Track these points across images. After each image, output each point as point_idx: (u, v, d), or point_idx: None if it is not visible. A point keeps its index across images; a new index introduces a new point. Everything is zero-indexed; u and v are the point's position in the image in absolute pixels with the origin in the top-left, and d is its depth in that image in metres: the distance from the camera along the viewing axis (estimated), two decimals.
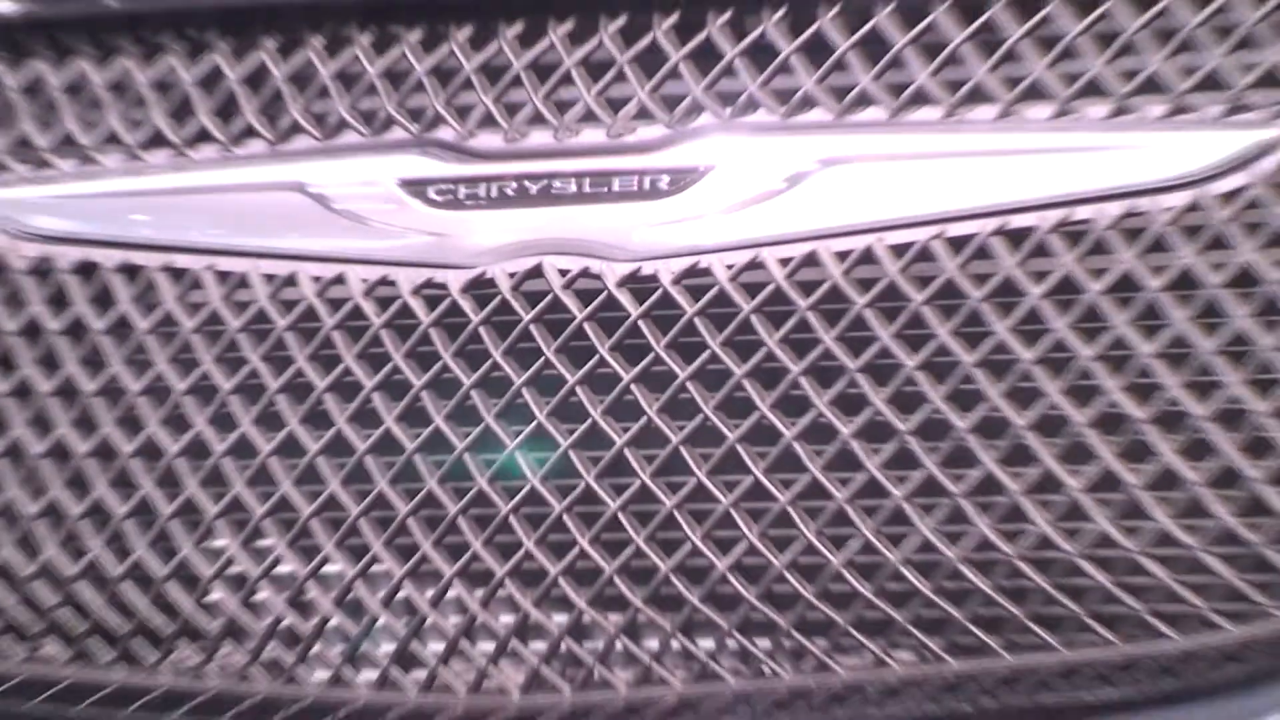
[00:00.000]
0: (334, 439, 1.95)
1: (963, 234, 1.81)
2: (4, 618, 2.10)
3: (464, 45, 1.98)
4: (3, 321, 2.09)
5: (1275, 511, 1.78)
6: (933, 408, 1.82)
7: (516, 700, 1.97)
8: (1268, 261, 1.78)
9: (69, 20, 2.15)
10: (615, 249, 1.92)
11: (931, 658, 1.87)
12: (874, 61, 1.85)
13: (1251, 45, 1.79)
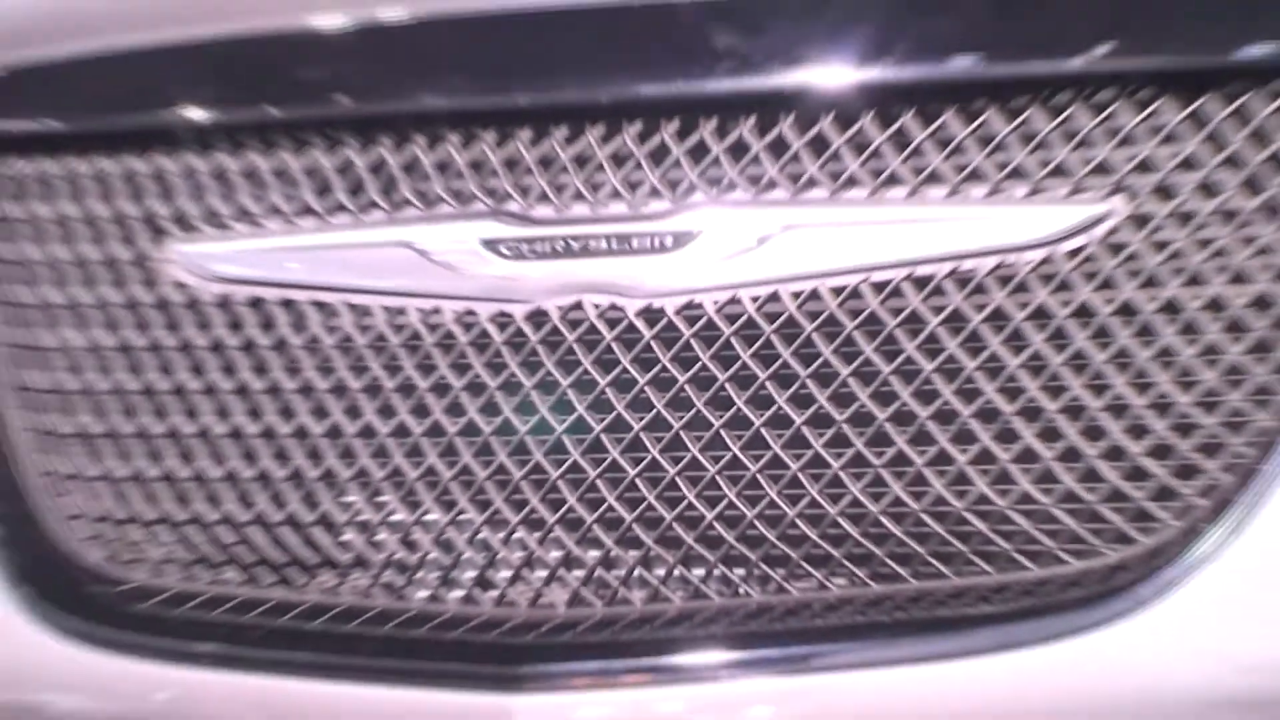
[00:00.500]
0: (431, 425, 2.08)
1: (883, 279, 1.97)
2: (196, 552, 2.20)
3: (526, 143, 2.08)
4: (196, 338, 2.20)
5: (1105, 479, 1.96)
6: (860, 403, 1.98)
7: (562, 612, 2.07)
8: (1101, 299, 1.94)
9: (245, 125, 2.22)
10: (634, 289, 2.03)
11: (859, 583, 2.01)
12: (818, 155, 1.99)
13: (1088, 145, 1.94)
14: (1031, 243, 1.96)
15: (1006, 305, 1.96)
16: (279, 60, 2.28)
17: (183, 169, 2.21)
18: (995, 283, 1.97)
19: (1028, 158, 1.97)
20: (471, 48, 2.24)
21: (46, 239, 2.26)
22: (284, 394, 2.16)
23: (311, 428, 2.14)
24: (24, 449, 2.29)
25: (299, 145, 2.18)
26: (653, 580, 2.08)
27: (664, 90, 2.10)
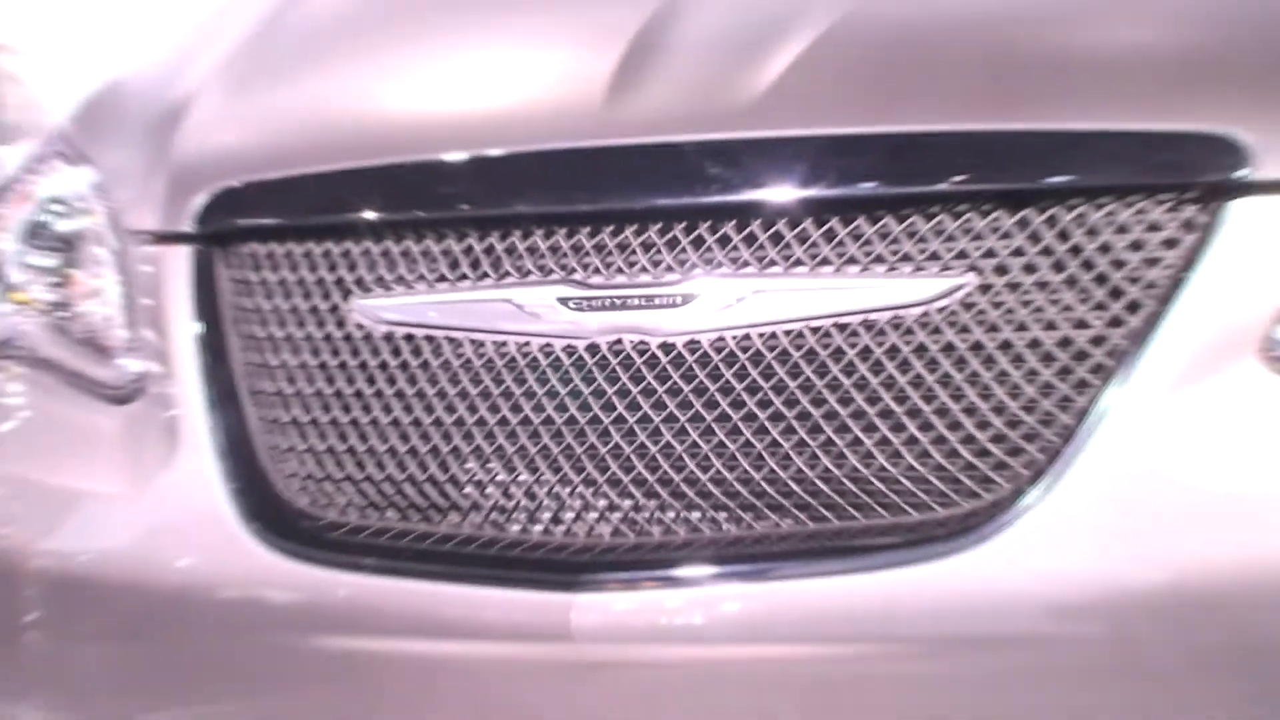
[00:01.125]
0: (523, 417, 2.30)
1: (818, 326, 2.19)
2: (368, 500, 2.41)
3: (585, 235, 2.31)
4: (369, 360, 2.42)
5: (962, 455, 2.14)
6: (801, 405, 2.19)
7: (606, 540, 2.26)
8: (959, 339, 2.15)
9: (402, 222, 2.48)
10: (655, 331, 2.24)
11: (800, 522, 2.20)
12: (776, 245, 2.22)
13: (951, 239, 2.17)
14: (914, 302, 2.17)
15: (899, 343, 2.18)
16: (423, 180, 2.50)
17: (361, 250, 2.45)
18: (890, 328, 2.18)
19: (912, 247, 2.19)
20: (547, 173, 2.45)
21: (272, 295, 2.49)
22: (426, 396, 2.37)
23: (444, 418, 2.34)
24: (257, 432, 2.47)
25: (439, 235, 2.40)
26: (666, 520, 2.27)
27: (676, 202, 2.30)
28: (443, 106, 2.70)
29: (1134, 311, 2.11)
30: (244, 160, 2.61)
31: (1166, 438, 2.10)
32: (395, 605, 2.31)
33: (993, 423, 2.13)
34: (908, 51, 2.46)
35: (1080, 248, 2.15)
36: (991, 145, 2.25)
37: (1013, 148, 2.24)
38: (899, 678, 2.17)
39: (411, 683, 2.34)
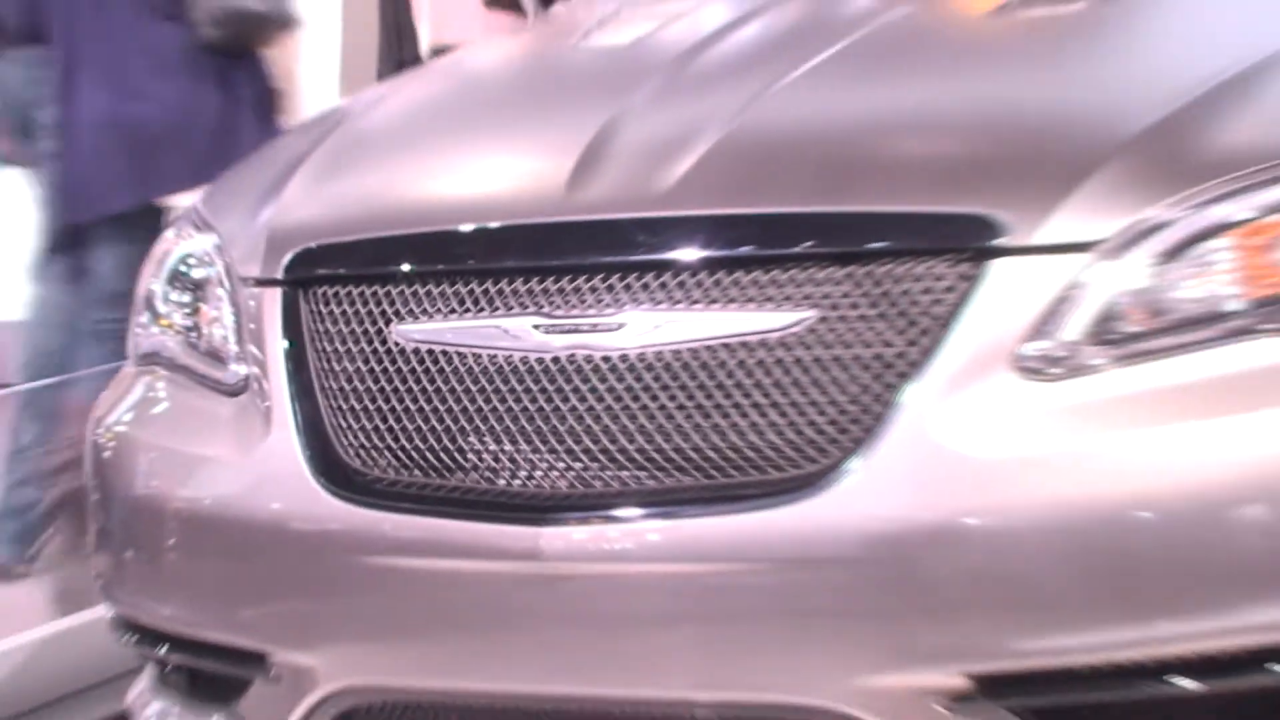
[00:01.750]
0: (506, 408, 2.39)
1: (710, 344, 2.28)
2: (401, 463, 2.48)
3: (551, 283, 2.40)
4: (402, 365, 2.50)
5: (807, 433, 2.27)
6: (690, 394, 2.30)
7: (564, 491, 2.36)
8: (807, 355, 2.25)
9: (429, 272, 2.56)
10: (598, 348, 2.34)
11: (698, 479, 2.27)
12: (683, 288, 2.33)
13: (798, 284, 2.31)
14: (774, 328, 2.28)
15: (764, 355, 2.28)
16: (440, 243, 2.61)
17: (398, 292, 2.54)
18: (759, 345, 2.28)
19: (774, 290, 2.30)
20: (525, 239, 2.54)
21: (336, 322, 2.58)
22: (441, 392, 2.46)
23: (453, 407, 2.45)
24: (325, 416, 2.55)
25: (451, 281, 2.50)
26: (605, 478, 2.36)
27: (612, 260, 2.45)
28: (456, 192, 2.82)
29: (925, 335, 2.22)
30: (317, 229, 2.74)
31: (945, 422, 2.20)
32: (419, 535, 2.43)
33: (827, 410, 2.25)
34: (771, 156, 2.57)
35: (889, 291, 2.25)
36: (828, 221, 2.37)
37: (842, 223, 2.35)
38: (762, 583, 2.27)
39: (429, 588, 2.43)
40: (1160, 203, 2.27)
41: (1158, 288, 2.25)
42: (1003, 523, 2.17)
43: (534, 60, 3.56)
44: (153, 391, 2.88)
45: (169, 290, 2.91)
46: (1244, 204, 2.26)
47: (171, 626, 2.74)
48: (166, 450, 2.75)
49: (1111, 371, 2.21)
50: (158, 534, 2.73)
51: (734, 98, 2.67)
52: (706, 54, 2.96)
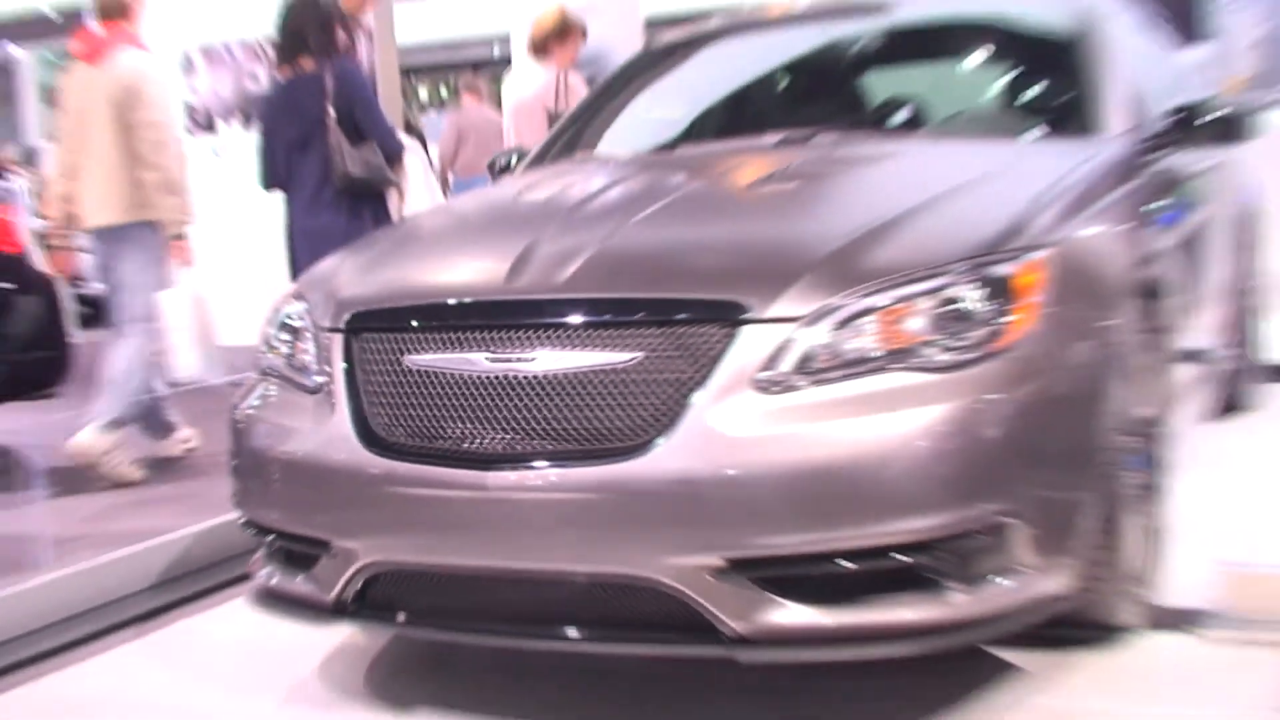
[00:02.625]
0: (469, 405, 2.52)
1: (584, 370, 2.44)
2: (408, 432, 2.58)
3: (497, 333, 2.55)
4: (407, 380, 2.62)
5: (637, 422, 2.41)
6: (579, 401, 2.45)
7: (500, 450, 2.49)
8: (637, 378, 2.42)
9: (427, 327, 2.65)
10: (523, 371, 2.49)
11: (580, 445, 2.43)
12: (570, 338, 2.49)
13: (638, 339, 2.47)
14: (619, 362, 2.44)
15: (614, 377, 2.43)
16: (434, 310, 2.71)
17: (409, 337, 2.66)
18: (608, 371, 2.42)
19: (620, 340, 2.45)
20: (482, 308, 2.66)
21: (374, 354, 2.70)
22: (433, 394, 2.58)
23: (439, 402, 2.57)
24: (366, 407, 2.66)
25: (440, 331, 2.63)
26: (524, 444, 2.48)
27: (532, 320, 2.55)
28: (442, 281, 2.94)
29: (705, 367, 2.42)
30: (363, 300, 2.85)
31: (715, 417, 2.40)
32: (417, 474, 2.58)
33: (649, 409, 2.44)
34: (623, 264, 2.71)
35: (685, 342, 2.45)
36: (653, 302, 2.54)
37: (660, 303, 2.53)
38: (612, 504, 2.42)
39: (421, 505, 2.58)
40: (837, 295, 2.50)
41: (834, 342, 2.47)
42: (745, 472, 2.38)
43: (490, 206, 3.60)
44: (267, 390, 3.00)
45: (279, 332, 3.04)
46: (883, 296, 2.53)
47: (275, 524, 2.89)
48: (275, 424, 2.89)
49: (808, 389, 2.44)
50: (269, 471, 2.88)
51: (602, 230, 2.85)
52: (588, 205, 3.11)
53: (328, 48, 4.97)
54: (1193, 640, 2.86)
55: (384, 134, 5.02)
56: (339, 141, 4.91)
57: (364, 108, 4.95)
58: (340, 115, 4.92)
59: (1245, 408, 5.00)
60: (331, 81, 4.93)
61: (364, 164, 4.94)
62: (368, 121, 4.95)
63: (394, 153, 5.02)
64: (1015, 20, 4.17)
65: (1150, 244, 3.11)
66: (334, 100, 4.92)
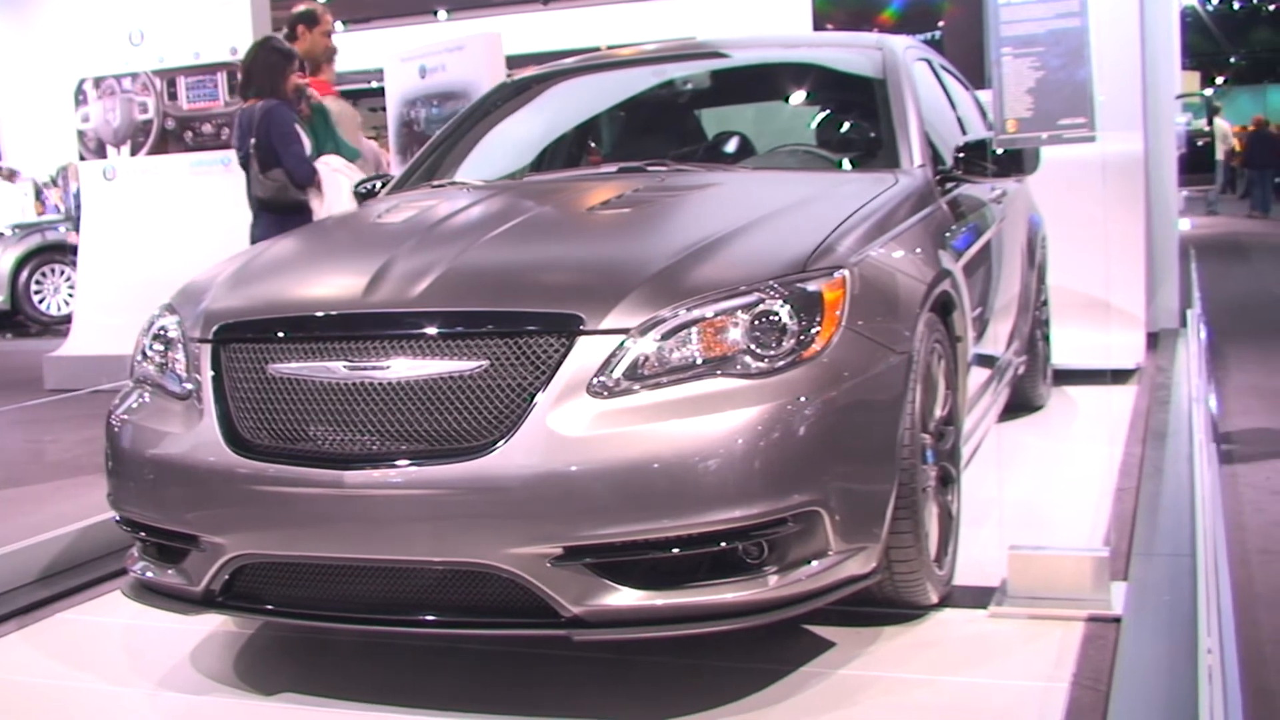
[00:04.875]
0: (328, 409, 2.50)
1: (433, 376, 2.43)
2: (271, 435, 2.56)
3: (353, 343, 2.52)
4: (275, 387, 2.58)
5: (484, 421, 2.41)
6: (431, 403, 2.44)
7: (358, 451, 2.46)
8: (482, 384, 2.42)
9: (297, 345, 2.61)
10: (378, 379, 2.48)
11: (432, 445, 2.41)
12: (422, 347, 2.47)
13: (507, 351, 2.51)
14: (467, 369, 2.43)
15: (461, 384, 2.42)
16: (297, 321, 2.67)
17: (274, 346, 2.62)
18: (456, 378, 2.41)
19: (467, 349, 2.44)
20: (341, 320, 2.62)
21: (240, 362, 2.67)
22: (294, 399, 2.56)
23: (301, 407, 2.55)
24: (232, 412, 2.63)
25: (301, 341, 2.60)
26: (379, 445, 2.45)
27: (385, 331, 2.54)
28: (304, 295, 2.88)
29: (544, 373, 2.43)
30: (230, 312, 2.81)
31: (554, 418, 2.41)
32: (279, 474, 2.55)
33: (493, 412, 2.43)
34: (472, 279, 2.70)
35: (527, 351, 2.46)
36: (499, 315, 2.53)
37: (505, 315, 2.53)
38: (460, 499, 2.41)
39: (284, 502, 2.54)
40: (664, 308, 2.54)
41: (661, 350, 2.51)
42: (580, 469, 2.39)
43: (353, 226, 3.59)
44: (141, 398, 2.94)
45: (153, 343, 2.98)
46: (705, 309, 2.57)
47: (148, 521, 2.83)
48: (147, 428, 2.83)
49: (638, 393, 2.46)
50: (143, 472, 2.82)
51: (454, 249, 2.85)
52: (440, 227, 3.12)
53: (265, 88, 5.37)
54: (984, 616, 2.92)
55: (293, 163, 5.31)
56: (254, 167, 5.38)
57: (281, 142, 5.28)
58: (260, 144, 5.34)
59: (1034, 407, 5.24)
60: (260, 116, 5.32)
61: (268, 186, 5.35)
62: (280, 152, 5.29)
63: (300, 180, 5.31)
64: (828, 65, 4.32)
65: (944, 263, 3.21)
66: (256, 132, 5.34)
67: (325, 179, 5.30)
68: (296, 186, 5.34)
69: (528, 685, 2.77)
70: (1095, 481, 4.09)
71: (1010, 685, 2.61)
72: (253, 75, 5.48)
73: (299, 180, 5.34)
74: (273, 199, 5.39)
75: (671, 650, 2.78)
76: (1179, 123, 8.76)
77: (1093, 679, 2.57)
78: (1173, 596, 2.89)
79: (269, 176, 5.37)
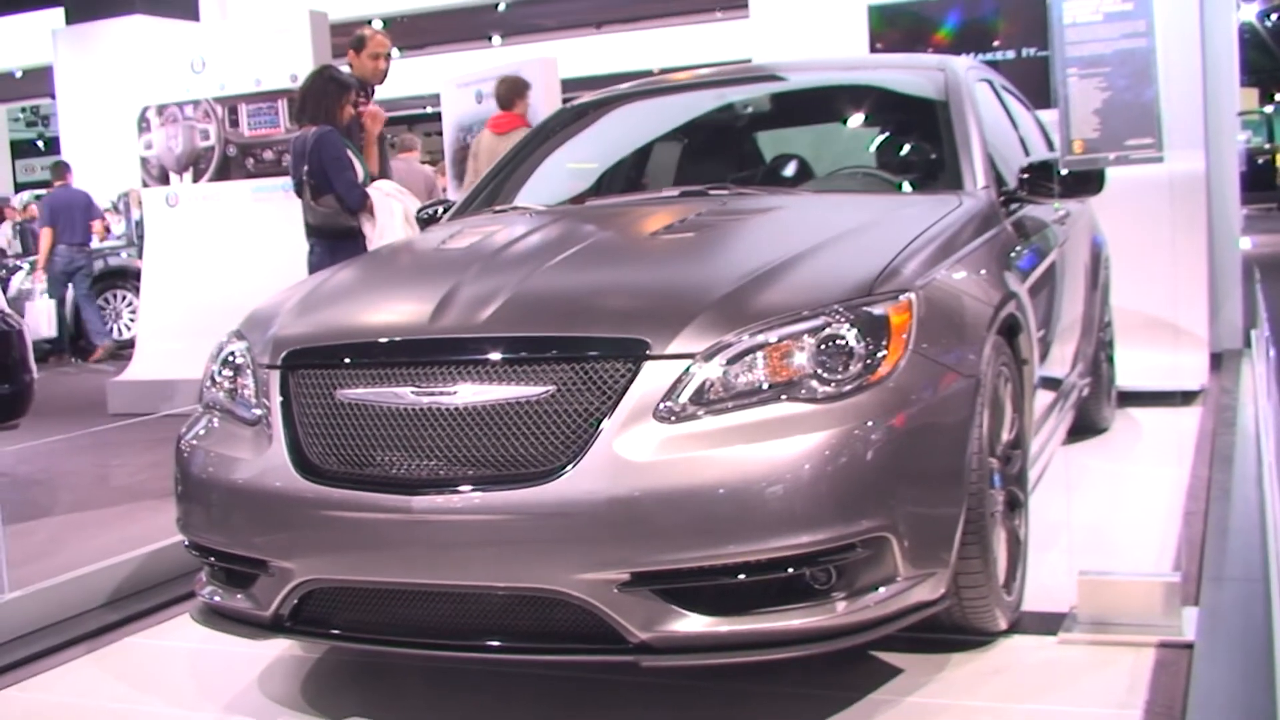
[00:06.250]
0: (398, 434, 2.51)
1: (503, 401, 2.44)
2: (342, 461, 2.57)
3: (422, 369, 2.53)
4: (344, 413, 2.60)
5: (553, 447, 2.41)
6: (498, 429, 2.44)
7: (426, 476, 2.47)
8: (551, 409, 2.42)
9: (364, 364, 2.63)
10: (446, 404, 2.48)
11: (499, 471, 2.41)
12: (489, 374, 2.48)
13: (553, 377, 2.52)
14: (534, 395, 2.44)
15: (530, 409, 2.42)
16: (364, 348, 2.69)
17: (342, 374, 2.64)
18: (525, 402, 2.41)
19: (535, 375, 2.45)
20: (409, 346, 2.63)
21: (308, 388, 2.68)
22: (364, 425, 2.57)
23: (369, 432, 2.55)
24: (301, 438, 2.65)
25: (370, 367, 2.62)
26: (447, 470, 2.45)
27: (452, 357, 2.54)
28: (372, 321, 2.91)
29: (611, 399, 2.43)
30: (298, 339, 2.82)
31: (620, 444, 2.40)
32: (348, 499, 2.55)
33: (560, 437, 2.43)
34: (537, 306, 2.70)
35: (593, 376, 2.46)
36: (565, 340, 2.53)
37: (572, 341, 2.53)
38: (527, 525, 2.41)
39: (352, 527, 2.55)
40: (730, 333, 2.54)
41: (727, 375, 2.50)
42: (646, 494, 2.39)
43: (417, 252, 3.59)
44: (210, 423, 2.97)
45: (222, 369, 3.00)
46: (771, 334, 2.56)
47: (217, 546, 2.84)
48: (217, 453, 2.85)
49: (705, 418, 2.46)
50: (212, 497, 2.84)
51: (518, 275, 2.86)
52: (504, 252, 3.14)
53: (319, 115, 5.39)
54: (1053, 642, 2.89)
55: (344, 189, 5.32)
56: (307, 194, 5.39)
57: (333, 167, 5.29)
58: (312, 171, 5.35)
59: (1098, 429, 5.18)
60: (312, 143, 5.34)
61: (320, 214, 5.37)
62: (331, 179, 5.30)
63: (352, 205, 5.31)
64: (890, 87, 4.30)
65: (1010, 285, 3.18)
66: (308, 159, 5.34)
67: (378, 204, 5.32)
68: (348, 212, 5.35)
69: (593, 712, 2.75)
70: (1162, 505, 4.04)
71: (1081, 713, 2.57)
72: (307, 102, 5.52)
73: (351, 206, 5.34)
74: (325, 225, 5.42)
75: (740, 676, 2.76)
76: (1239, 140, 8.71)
77: (1166, 707, 2.53)
78: (1245, 622, 2.84)
79: (321, 203, 5.40)
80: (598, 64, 15.24)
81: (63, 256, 11.46)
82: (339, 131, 5.44)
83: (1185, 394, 5.69)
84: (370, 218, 5.32)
